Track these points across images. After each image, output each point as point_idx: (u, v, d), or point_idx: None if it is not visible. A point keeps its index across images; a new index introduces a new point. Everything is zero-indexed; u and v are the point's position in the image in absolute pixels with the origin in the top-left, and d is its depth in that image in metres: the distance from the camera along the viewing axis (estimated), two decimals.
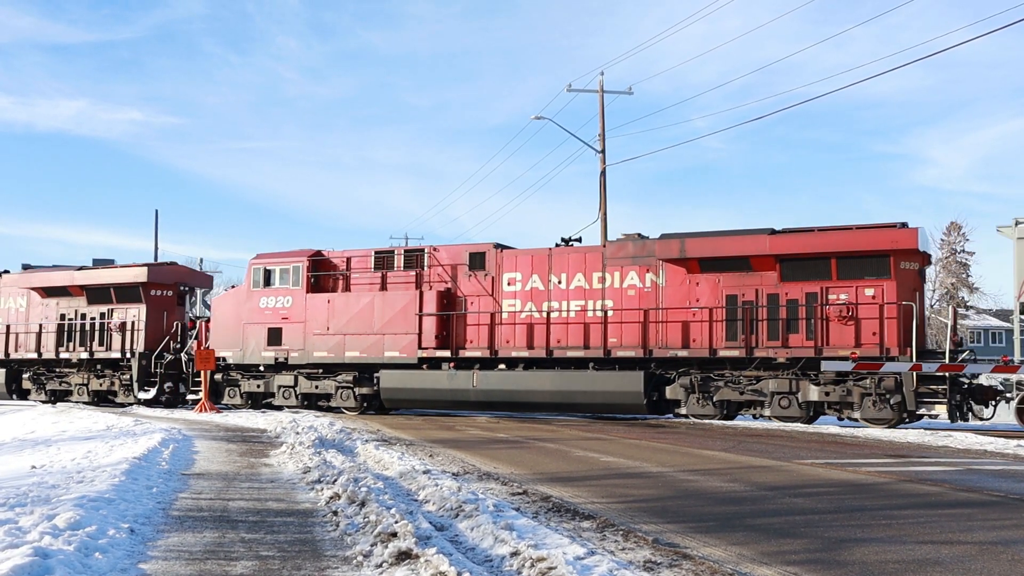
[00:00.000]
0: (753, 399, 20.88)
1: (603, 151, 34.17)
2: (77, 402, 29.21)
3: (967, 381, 19.57)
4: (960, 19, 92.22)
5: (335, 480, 9.84)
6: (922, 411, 19.47)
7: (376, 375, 24.16)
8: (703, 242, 21.33)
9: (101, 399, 29.32)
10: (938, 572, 6.09)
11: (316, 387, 25.05)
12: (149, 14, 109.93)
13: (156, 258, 49.94)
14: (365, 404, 24.61)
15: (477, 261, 23.77)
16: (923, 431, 18.14)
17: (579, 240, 23.64)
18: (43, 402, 29.81)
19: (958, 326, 20.81)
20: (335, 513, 8.13)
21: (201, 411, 24.45)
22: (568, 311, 22.63)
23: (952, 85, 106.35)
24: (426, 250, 24.54)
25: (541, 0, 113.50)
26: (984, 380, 19.74)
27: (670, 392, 21.51)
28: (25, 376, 30.41)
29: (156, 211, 53.40)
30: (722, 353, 21.02)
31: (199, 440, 15.59)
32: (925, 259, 20.85)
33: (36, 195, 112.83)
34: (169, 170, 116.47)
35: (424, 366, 23.75)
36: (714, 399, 21.15)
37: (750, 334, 20.75)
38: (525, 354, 22.86)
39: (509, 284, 23.35)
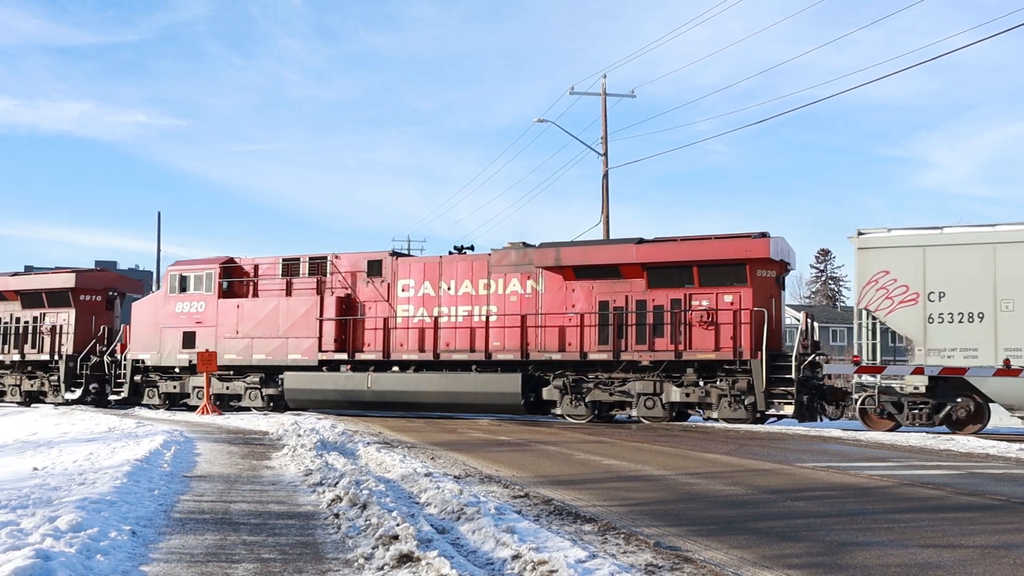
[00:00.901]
0: (622, 400, 21.98)
1: (605, 154, 34.19)
2: (10, 402, 30.55)
3: (819, 382, 21.16)
4: (964, 22, 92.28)
5: (337, 483, 9.85)
6: (771, 411, 20.54)
7: (280, 377, 25.31)
8: (577, 251, 22.63)
9: (33, 399, 30.51)
10: None
11: (227, 388, 26.24)
12: (153, 17, 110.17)
13: (159, 260, 49.99)
14: (272, 404, 25.64)
15: (375, 268, 24.87)
16: (924, 435, 18.13)
17: (471, 248, 24.67)
18: None
19: (813, 330, 22.29)
20: (337, 516, 8.14)
21: (203, 413, 24.50)
22: (456, 316, 23.79)
23: (955, 88, 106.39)
24: (329, 257, 25.57)
25: (545, 3, 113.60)
26: (835, 381, 20.97)
27: (546, 393, 22.50)
28: None
29: (159, 213, 53.44)
30: (592, 356, 22.09)
31: (201, 442, 15.60)
32: (782, 267, 21.89)
33: (40, 197, 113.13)
34: (172, 172, 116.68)
35: (324, 368, 24.84)
36: (586, 400, 22.17)
37: (619, 338, 21.92)
38: (415, 357, 23.99)
39: (403, 290, 24.49)
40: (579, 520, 8.00)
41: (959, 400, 19.30)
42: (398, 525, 7.00)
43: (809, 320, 21.87)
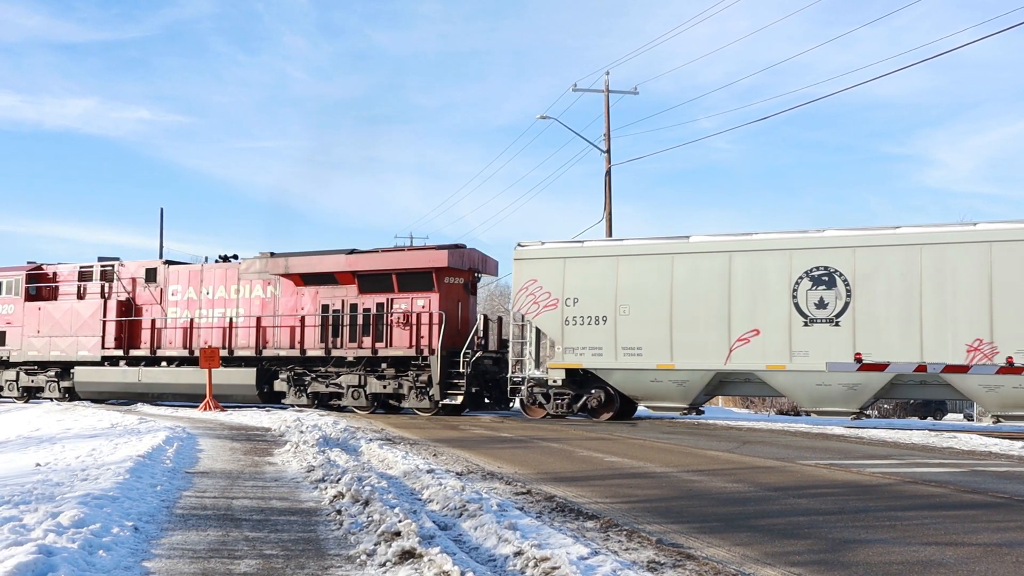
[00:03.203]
0: (337, 391, 24.85)
1: (608, 151, 34.15)
2: None
3: (500, 376, 23.92)
4: (967, 20, 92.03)
5: (339, 479, 9.84)
6: (447, 401, 23.36)
7: (73, 371, 28.60)
8: (301, 260, 25.65)
9: None
10: (942, 574, 6.08)
11: (32, 381, 29.65)
12: (158, 13, 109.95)
13: (161, 256, 49.87)
14: (67, 395, 28.89)
15: (151, 275, 28.15)
16: (927, 432, 18.12)
17: (235, 258, 27.57)
18: None
19: (499, 330, 25.68)
20: (339, 512, 8.13)
21: (205, 409, 24.55)
22: (212, 317, 27.01)
23: (958, 87, 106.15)
24: (116, 265, 28.68)
25: (549, 1, 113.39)
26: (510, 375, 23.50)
27: (277, 385, 25.67)
28: None
29: (161, 210, 53.26)
30: (311, 353, 25.20)
31: (203, 438, 15.60)
32: (470, 275, 25.02)
33: (44, 193, 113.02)
34: (176, 169, 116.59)
35: (106, 363, 28.14)
36: (308, 391, 25.25)
37: (335, 336, 25.00)
38: (176, 353, 27.25)
39: (173, 295, 27.79)
40: (581, 517, 8.00)
41: (593, 391, 22.16)
42: (400, 522, 6.99)
43: (487, 320, 24.80)
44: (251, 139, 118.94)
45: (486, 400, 24.68)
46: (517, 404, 24.50)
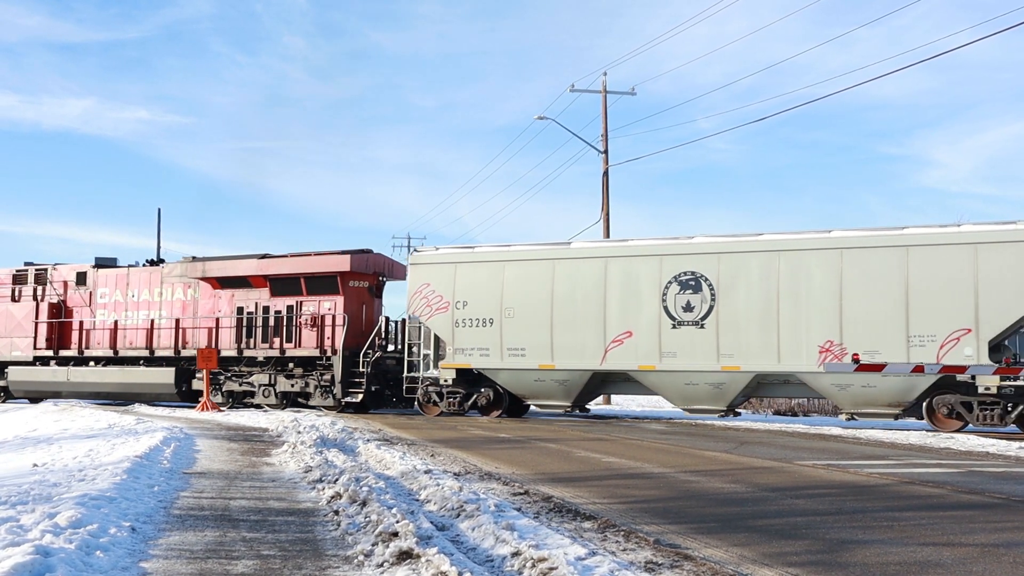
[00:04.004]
0: (250, 390, 26.04)
1: (606, 151, 34.16)
2: None
3: (401, 376, 24.55)
4: (967, 20, 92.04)
5: (336, 479, 9.84)
6: (348, 399, 24.62)
7: (7, 370, 29.72)
8: (216, 264, 26.73)
9: None
10: (940, 574, 6.08)
11: None
12: (157, 13, 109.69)
13: (159, 256, 49.74)
14: (3, 394, 30.15)
15: (81, 278, 29.28)
16: (924, 433, 18.14)
17: (163, 262, 28.78)
18: None
19: (406, 333, 25.55)
20: (336, 512, 8.13)
21: (203, 410, 24.52)
22: (137, 319, 28.15)
23: (957, 87, 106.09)
24: (48, 269, 29.84)
25: (549, 1, 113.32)
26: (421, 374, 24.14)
27: (195, 384, 26.64)
28: None
29: (159, 210, 52.65)
30: (224, 353, 26.22)
31: (201, 439, 15.59)
32: (375, 279, 26.18)
33: (42, 194, 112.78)
34: (175, 169, 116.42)
35: (38, 363, 29.27)
36: (223, 389, 26.34)
37: (248, 338, 26.30)
38: (102, 353, 28.39)
39: (102, 297, 28.96)
40: (579, 517, 8.00)
41: (483, 390, 23.04)
42: (398, 522, 6.99)
43: (389, 322, 26.06)
44: (250, 139, 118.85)
45: (393, 399, 25.56)
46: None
